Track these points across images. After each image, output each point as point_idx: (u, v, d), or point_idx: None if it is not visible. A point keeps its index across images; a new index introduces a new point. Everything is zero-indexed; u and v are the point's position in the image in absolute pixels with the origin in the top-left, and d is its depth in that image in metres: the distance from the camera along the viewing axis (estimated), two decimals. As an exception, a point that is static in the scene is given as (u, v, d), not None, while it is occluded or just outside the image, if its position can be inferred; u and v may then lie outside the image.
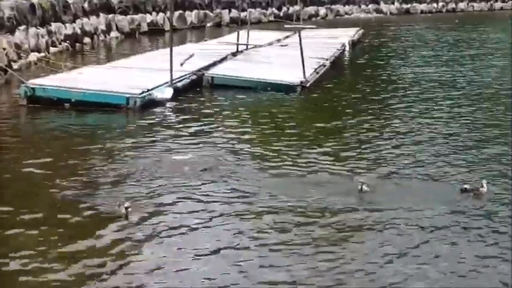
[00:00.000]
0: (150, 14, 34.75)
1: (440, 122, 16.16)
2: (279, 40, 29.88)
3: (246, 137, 14.29)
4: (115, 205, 9.73)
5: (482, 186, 10.99)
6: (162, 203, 10.03)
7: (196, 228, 9.07)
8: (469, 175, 11.79)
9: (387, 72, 24.70)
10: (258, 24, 39.25)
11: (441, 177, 11.71)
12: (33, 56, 22.51)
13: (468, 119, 16.56)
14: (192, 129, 14.76)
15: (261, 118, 16.39)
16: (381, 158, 12.80)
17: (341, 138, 14.38)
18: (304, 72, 20.04)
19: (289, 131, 15.10)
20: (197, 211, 9.71)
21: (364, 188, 10.50)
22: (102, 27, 30.69)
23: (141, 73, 19.12)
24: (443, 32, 41.13)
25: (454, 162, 12.61)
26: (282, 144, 13.69)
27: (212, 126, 15.20)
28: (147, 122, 15.49)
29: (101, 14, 30.83)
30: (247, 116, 16.46)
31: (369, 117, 16.65)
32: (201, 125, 15.22)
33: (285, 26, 30.31)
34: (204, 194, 10.41)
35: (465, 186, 11.00)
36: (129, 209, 9.51)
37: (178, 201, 10.10)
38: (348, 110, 17.49)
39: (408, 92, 20.35)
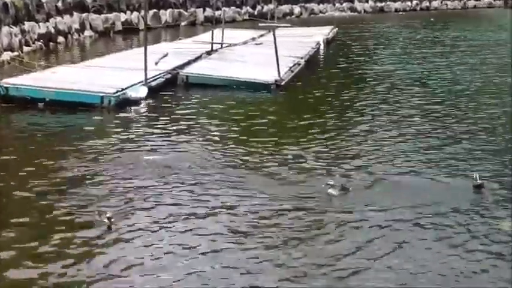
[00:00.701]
0: (125, 13, 34.61)
1: (414, 119, 16.32)
2: (253, 39, 29.92)
3: (221, 135, 14.26)
4: (94, 214, 9.27)
5: (476, 179, 11.11)
6: (142, 210, 9.73)
7: (184, 237, 8.80)
8: (453, 171, 11.98)
9: (362, 70, 24.86)
10: (232, 23, 39.28)
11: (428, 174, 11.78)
12: (6, 55, 22.36)
13: (441, 116, 16.71)
14: (166, 129, 14.75)
15: (235, 117, 16.39)
16: (357, 157, 12.84)
17: (316, 137, 14.42)
18: (278, 70, 20.09)
19: (263, 129, 15.15)
20: (180, 216, 9.49)
21: (331, 191, 10.26)
22: (76, 26, 30.53)
23: (116, 72, 19.07)
24: (417, 30, 41.36)
25: (433, 159, 12.74)
26: (256, 142, 13.71)
27: (187, 125, 15.16)
28: (122, 121, 15.47)
29: (75, 13, 30.65)
30: (222, 115, 16.47)
31: (345, 115, 16.80)
32: (175, 124, 15.18)
33: (260, 24, 30.34)
34: (183, 196, 10.29)
35: (480, 181, 10.97)
36: (112, 220, 8.96)
37: (158, 206, 9.85)
38: (323, 108, 17.57)
39: (382, 90, 20.46)
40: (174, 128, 14.86)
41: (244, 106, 17.68)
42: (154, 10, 36.55)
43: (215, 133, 14.49)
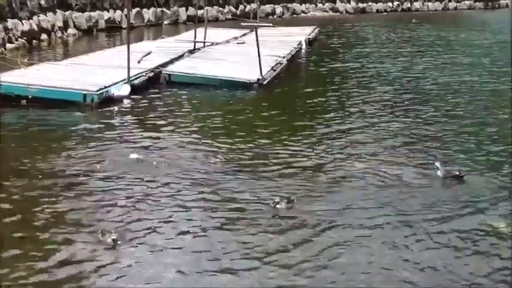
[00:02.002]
0: (108, 11, 34.58)
1: (383, 118, 16.46)
2: (236, 38, 29.92)
3: (202, 133, 14.33)
4: (97, 233, 8.56)
5: (438, 169, 11.47)
6: (143, 221, 9.24)
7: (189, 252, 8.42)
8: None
9: (342, 69, 24.95)
10: (215, 22, 39.34)
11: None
12: (-11, 53, 22.31)
13: (409, 114, 16.88)
14: (149, 126, 14.78)
15: (217, 115, 16.43)
16: (332, 156, 12.90)
17: (294, 135, 14.51)
18: (261, 69, 20.16)
19: (243, 127, 15.21)
20: (185, 226, 9.20)
21: (278, 206, 9.76)
22: (60, 24, 30.47)
23: (99, 70, 19.06)
24: (396, 31, 41.48)
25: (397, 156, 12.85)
26: (237, 140, 13.79)
27: (169, 123, 15.20)
28: (104, 119, 15.44)
29: (58, 11, 30.59)
30: (204, 113, 16.48)
31: (318, 113, 16.91)
32: (158, 122, 15.24)
33: (242, 24, 30.33)
34: (178, 199, 10.14)
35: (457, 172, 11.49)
36: (118, 242, 8.31)
37: (156, 214, 9.53)
38: (302, 107, 17.64)
39: (360, 88, 20.66)
40: (156, 125, 14.89)
41: (226, 104, 17.74)
42: (137, 9, 36.52)
43: (197, 130, 14.55)
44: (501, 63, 27.48)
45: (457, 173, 11.47)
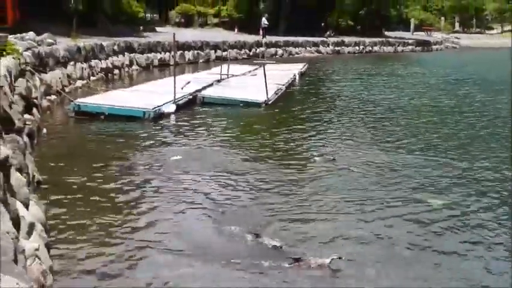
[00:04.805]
0: (160, 53, 34.55)
1: (341, 120, 16.43)
2: (249, 71, 29.80)
3: (227, 139, 14.29)
4: (305, 257, 5.82)
5: (315, 156, 11.79)
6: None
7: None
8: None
9: (325, 92, 24.90)
10: (235, 60, 39.07)
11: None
12: (79, 83, 22.34)
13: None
14: (189, 135, 14.71)
15: (237, 125, 16.47)
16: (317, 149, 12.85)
17: (289, 137, 14.50)
18: (267, 93, 20.10)
19: (254, 134, 15.16)
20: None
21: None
22: (127, 62, 30.43)
23: (153, 94, 18.98)
24: (361, 66, 41.34)
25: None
26: (251, 143, 13.76)
27: (203, 132, 15.15)
28: (158, 129, 15.39)
29: (126, 53, 30.61)
30: (228, 124, 16.46)
31: (310, 122, 16.84)
32: (195, 131, 15.18)
33: (254, 61, 30.26)
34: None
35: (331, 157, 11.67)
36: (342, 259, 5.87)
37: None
38: (297, 120, 17.62)
39: (339, 107, 20.57)
40: (194, 134, 14.85)
41: (243, 118, 17.71)
42: (181, 51, 36.45)
43: (224, 137, 14.52)
44: (415, 85, 28.28)
45: (331, 158, 11.60)
